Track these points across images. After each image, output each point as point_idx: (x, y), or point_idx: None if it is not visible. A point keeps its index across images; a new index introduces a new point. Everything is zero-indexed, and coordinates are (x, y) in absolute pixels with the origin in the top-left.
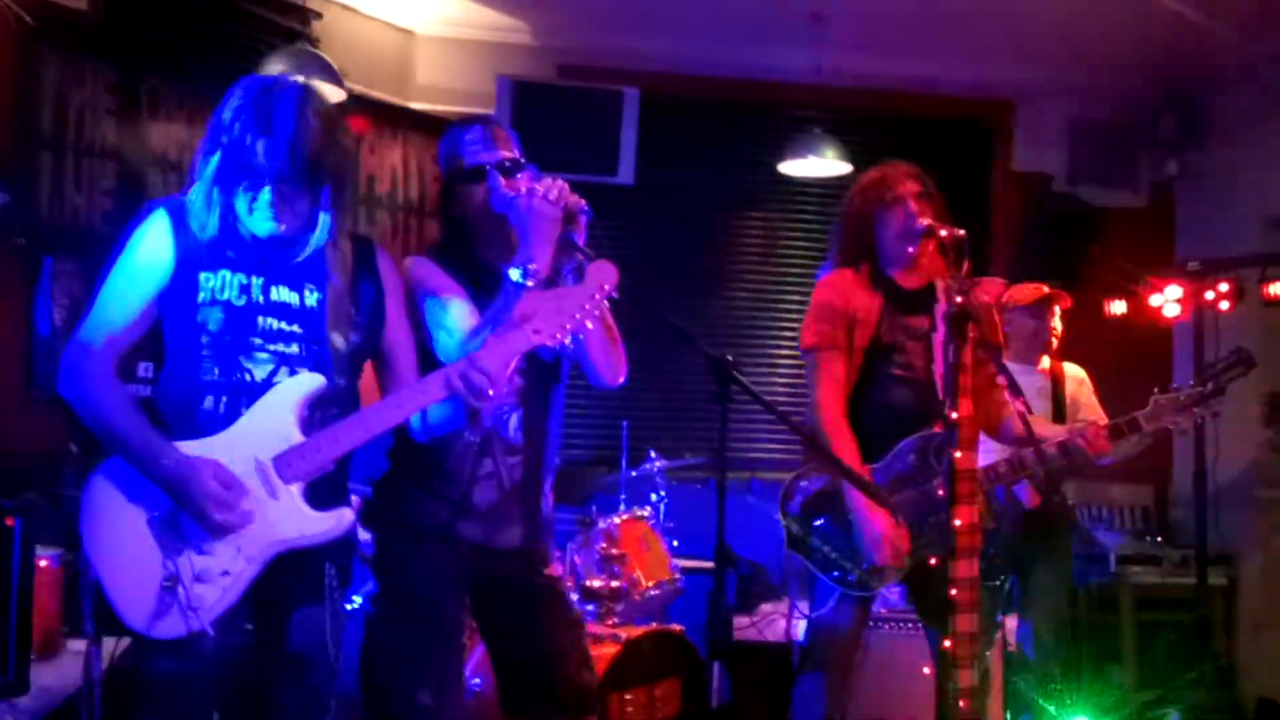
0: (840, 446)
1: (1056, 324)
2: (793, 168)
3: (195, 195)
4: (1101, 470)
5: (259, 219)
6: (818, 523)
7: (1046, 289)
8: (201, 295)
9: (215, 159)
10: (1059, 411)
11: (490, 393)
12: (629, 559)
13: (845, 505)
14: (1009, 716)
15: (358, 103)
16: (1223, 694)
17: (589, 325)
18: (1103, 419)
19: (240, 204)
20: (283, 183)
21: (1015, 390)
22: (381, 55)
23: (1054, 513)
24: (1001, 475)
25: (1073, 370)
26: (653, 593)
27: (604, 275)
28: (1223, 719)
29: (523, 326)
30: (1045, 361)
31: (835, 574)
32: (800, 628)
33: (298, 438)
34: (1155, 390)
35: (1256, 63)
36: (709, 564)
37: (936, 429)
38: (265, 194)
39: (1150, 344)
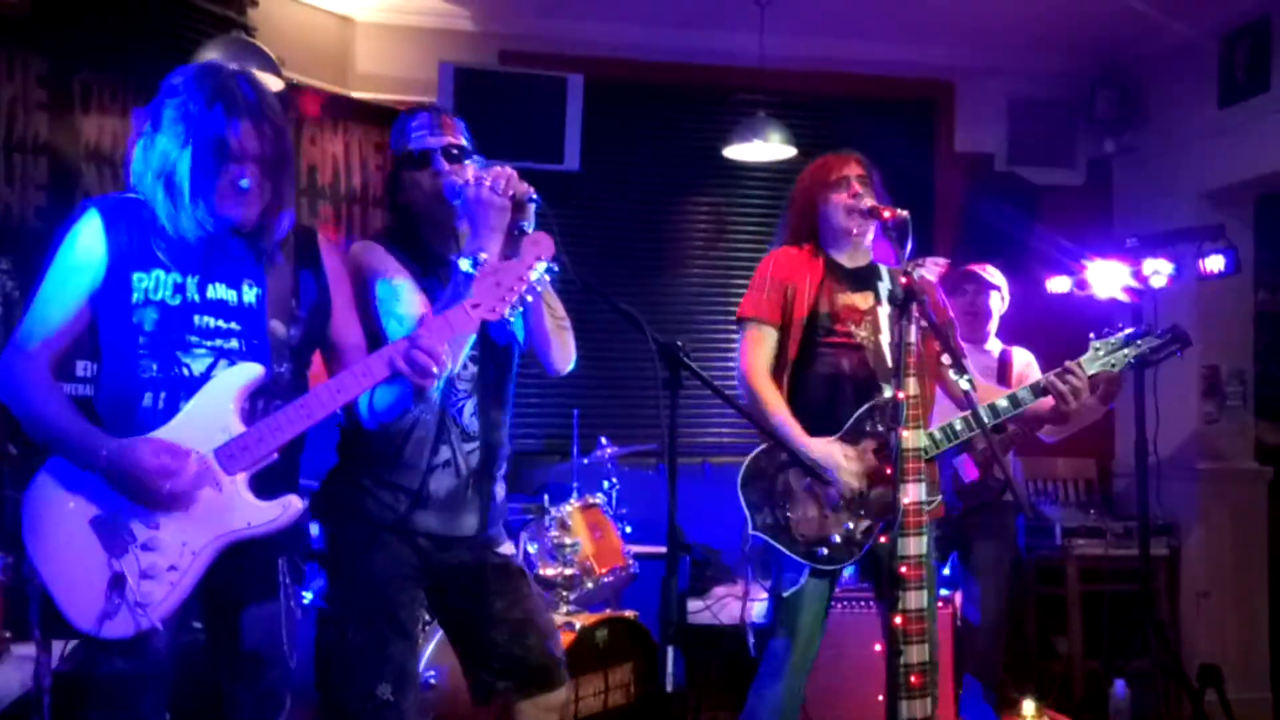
0: (772, 403)
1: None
2: (738, 152)
3: (171, 194)
4: (1046, 446)
5: (229, 205)
6: (777, 491)
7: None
8: (135, 296)
9: (188, 152)
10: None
11: (436, 370)
12: (582, 546)
13: (794, 464)
14: (959, 691)
15: (297, 92)
16: (1166, 661)
17: (529, 298)
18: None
19: (209, 193)
20: (263, 164)
21: (959, 370)
22: (320, 43)
23: (993, 487)
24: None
25: (1021, 354)
26: (606, 579)
27: (539, 247)
28: (1166, 685)
29: (462, 303)
30: (994, 342)
31: (802, 550)
32: (755, 610)
33: (238, 428)
34: (1091, 334)
35: (1191, 40)
36: (662, 549)
37: (885, 396)
38: (245, 180)
39: (1091, 321)
